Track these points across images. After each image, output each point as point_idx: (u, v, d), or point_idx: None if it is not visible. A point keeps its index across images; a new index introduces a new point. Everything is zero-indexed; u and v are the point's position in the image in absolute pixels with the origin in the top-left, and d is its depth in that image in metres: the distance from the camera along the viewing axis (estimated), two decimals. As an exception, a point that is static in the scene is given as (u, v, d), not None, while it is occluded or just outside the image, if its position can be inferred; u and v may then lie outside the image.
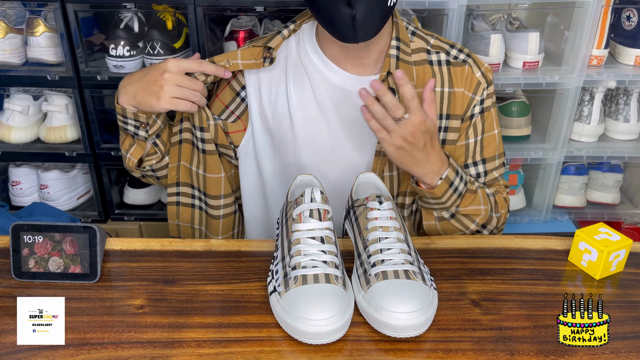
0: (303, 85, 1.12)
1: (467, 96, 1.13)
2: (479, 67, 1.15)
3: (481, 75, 1.14)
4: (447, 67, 1.13)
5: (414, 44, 1.13)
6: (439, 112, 1.13)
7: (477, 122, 1.15)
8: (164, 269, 0.95)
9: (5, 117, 1.76)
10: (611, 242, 0.93)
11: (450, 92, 1.12)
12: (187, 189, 1.21)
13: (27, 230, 0.91)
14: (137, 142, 1.17)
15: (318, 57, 1.12)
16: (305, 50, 1.13)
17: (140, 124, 1.13)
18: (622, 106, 1.78)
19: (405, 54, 1.11)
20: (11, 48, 1.67)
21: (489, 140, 1.17)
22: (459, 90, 1.13)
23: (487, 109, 1.15)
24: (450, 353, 0.79)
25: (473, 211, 1.11)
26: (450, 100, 1.13)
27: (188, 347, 0.79)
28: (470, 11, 1.69)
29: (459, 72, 1.13)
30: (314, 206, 0.88)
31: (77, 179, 1.89)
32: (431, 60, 1.13)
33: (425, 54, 1.13)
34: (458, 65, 1.13)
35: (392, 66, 1.09)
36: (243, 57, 1.11)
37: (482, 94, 1.14)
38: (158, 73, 1.06)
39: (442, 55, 1.14)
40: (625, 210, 1.92)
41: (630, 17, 1.69)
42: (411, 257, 0.85)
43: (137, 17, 1.68)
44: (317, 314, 0.77)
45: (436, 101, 1.12)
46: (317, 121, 1.13)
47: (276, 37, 1.12)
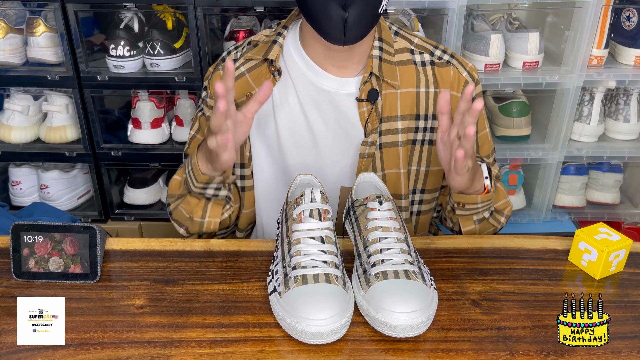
0: (286, 87, 1.12)
1: (455, 96, 1.12)
2: (464, 67, 1.14)
3: (467, 74, 1.13)
4: (431, 68, 1.12)
5: (397, 44, 1.13)
6: (425, 112, 1.12)
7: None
8: (164, 269, 0.95)
9: (5, 117, 1.76)
10: (611, 242, 0.93)
11: (436, 92, 1.12)
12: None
13: (27, 230, 0.91)
14: (213, 203, 1.10)
15: (301, 58, 1.11)
16: (289, 52, 1.12)
17: (222, 183, 1.06)
18: (622, 106, 1.78)
19: (389, 54, 1.10)
20: (11, 48, 1.67)
21: (483, 139, 1.18)
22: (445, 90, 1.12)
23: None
24: (450, 353, 0.79)
25: (502, 205, 1.13)
26: (436, 100, 1.12)
27: (188, 347, 0.79)
28: (470, 11, 1.69)
29: (444, 73, 1.12)
30: (314, 206, 0.88)
31: (77, 179, 1.89)
32: (415, 61, 1.12)
33: (409, 54, 1.13)
34: (442, 66, 1.13)
35: (375, 67, 1.08)
36: (256, 83, 1.11)
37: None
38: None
39: (426, 55, 1.13)
40: (625, 210, 1.92)
41: (630, 17, 1.69)
42: (411, 257, 0.85)
43: (137, 17, 1.68)
44: (317, 314, 0.77)
45: (421, 102, 1.11)
46: (300, 122, 1.12)
47: (274, 48, 1.11)
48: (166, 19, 1.70)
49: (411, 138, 1.13)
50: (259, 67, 1.12)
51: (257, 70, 1.12)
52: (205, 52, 1.64)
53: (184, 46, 1.71)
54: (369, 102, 1.09)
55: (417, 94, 1.11)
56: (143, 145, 1.79)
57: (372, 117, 1.10)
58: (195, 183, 1.05)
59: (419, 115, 1.12)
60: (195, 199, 1.10)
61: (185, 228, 1.13)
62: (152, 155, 1.80)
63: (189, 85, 1.69)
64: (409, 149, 1.13)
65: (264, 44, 1.13)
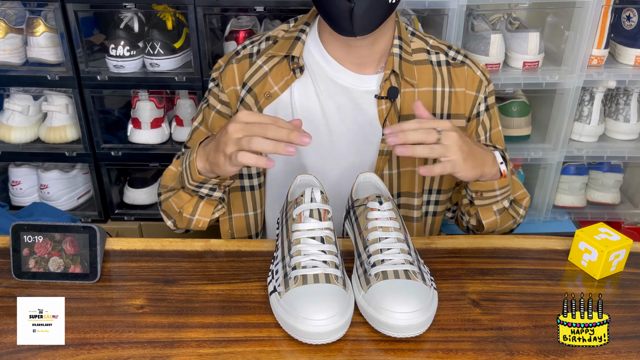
0: (305, 83, 1.12)
1: (470, 95, 1.14)
2: (477, 66, 1.17)
3: (481, 73, 1.16)
4: (447, 68, 1.14)
5: (414, 44, 1.14)
6: (440, 112, 1.13)
7: (484, 120, 1.17)
8: (164, 269, 0.95)
9: (5, 117, 1.76)
10: (611, 242, 0.93)
11: (451, 91, 1.13)
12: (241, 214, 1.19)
13: (27, 230, 0.91)
14: (205, 202, 1.07)
15: (320, 55, 1.11)
16: (309, 48, 1.13)
17: (218, 185, 1.03)
18: (622, 106, 1.78)
19: (407, 53, 1.12)
20: (11, 48, 1.67)
21: (497, 136, 1.20)
22: (459, 90, 1.13)
23: (491, 106, 1.18)
24: (450, 353, 0.79)
25: (520, 195, 1.13)
26: (452, 100, 1.13)
27: (188, 347, 0.79)
28: (470, 11, 1.69)
29: (459, 73, 1.14)
30: (314, 206, 0.88)
31: (77, 179, 1.89)
32: (432, 61, 1.14)
33: (425, 54, 1.14)
34: (457, 66, 1.15)
35: (396, 64, 1.09)
36: (275, 81, 1.11)
37: (485, 92, 1.16)
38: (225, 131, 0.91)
39: (442, 55, 1.15)
40: (625, 210, 1.92)
41: (630, 17, 1.69)
42: (411, 257, 0.85)
43: (137, 17, 1.68)
44: (317, 314, 0.77)
45: (437, 101, 1.13)
46: (318, 119, 1.13)
47: (297, 45, 1.10)
48: (166, 19, 1.69)
49: None
50: (280, 64, 1.12)
51: (278, 68, 1.12)
52: (205, 52, 1.64)
53: (184, 46, 1.71)
54: (389, 100, 1.10)
55: (433, 93, 1.12)
56: (143, 145, 1.79)
57: (392, 115, 1.10)
58: (190, 180, 1.02)
59: (435, 114, 1.13)
60: (188, 195, 1.07)
61: (173, 221, 1.12)
62: (152, 155, 1.80)
63: (189, 85, 1.69)
64: None
65: (286, 40, 1.13)
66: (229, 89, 1.14)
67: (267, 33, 1.17)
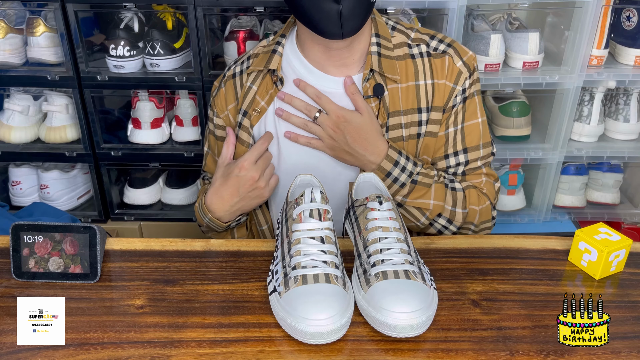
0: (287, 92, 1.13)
1: (448, 87, 1.12)
2: (461, 56, 1.13)
3: (462, 64, 1.12)
4: (427, 59, 1.12)
5: (395, 39, 1.13)
6: (425, 105, 1.12)
7: (457, 111, 1.13)
8: (164, 269, 0.95)
9: (5, 117, 1.76)
10: (611, 242, 0.93)
11: (433, 83, 1.12)
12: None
13: (27, 230, 0.91)
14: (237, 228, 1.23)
15: (301, 64, 1.12)
16: (288, 59, 1.13)
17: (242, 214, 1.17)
18: (622, 106, 1.78)
19: (387, 49, 1.11)
20: (11, 48, 1.67)
21: (471, 129, 1.15)
22: (440, 82, 1.12)
23: (470, 96, 1.14)
24: (450, 353, 0.79)
25: (421, 204, 1.11)
26: (435, 91, 1.12)
27: (188, 347, 0.79)
28: (470, 11, 1.69)
29: (439, 64, 1.12)
30: (314, 206, 0.88)
31: (77, 179, 1.89)
32: (413, 54, 1.12)
33: (407, 48, 1.13)
34: (438, 57, 1.12)
35: (374, 63, 1.09)
36: (262, 96, 1.15)
37: (463, 84, 1.12)
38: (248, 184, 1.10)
39: (423, 47, 1.13)
40: (625, 210, 1.92)
41: (630, 17, 1.69)
42: (411, 257, 0.85)
43: (137, 17, 1.68)
44: (317, 314, 0.77)
45: (421, 94, 1.11)
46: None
47: (274, 58, 1.12)
48: (166, 19, 1.70)
49: (414, 132, 1.13)
50: (264, 80, 1.14)
51: (263, 84, 1.15)
52: (205, 52, 1.64)
53: (184, 46, 1.71)
54: (376, 98, 1.10)
55: (416, 87, 1.11)
56: (143, 145, 1.79)
57: (381, 112, 1.10)
58: (219, 229, 1.16)
59: (420, 108, 1.12)
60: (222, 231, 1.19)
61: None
62: (152, 155, 1.80)
63: (189, 85, 1.69)
64: (414, 142, 1.13)
65: (264, 55, 1.15)
66: (223, 114, 1.20)
67: (249, 52, 1.21)
